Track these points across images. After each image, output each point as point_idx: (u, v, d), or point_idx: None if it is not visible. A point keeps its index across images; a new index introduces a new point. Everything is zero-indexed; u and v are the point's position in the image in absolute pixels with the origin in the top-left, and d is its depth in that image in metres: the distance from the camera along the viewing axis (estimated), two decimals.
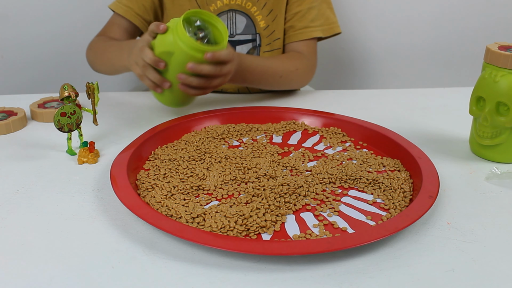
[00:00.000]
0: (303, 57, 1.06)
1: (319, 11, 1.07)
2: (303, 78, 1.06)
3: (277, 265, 0.52)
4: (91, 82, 0.75)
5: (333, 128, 0.85)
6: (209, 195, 0.66)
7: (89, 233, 0.58)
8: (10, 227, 0.59)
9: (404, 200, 0.64)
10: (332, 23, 1.09)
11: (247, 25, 1.07)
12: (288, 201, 0.63)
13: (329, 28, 1.09)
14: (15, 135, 0.85)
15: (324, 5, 1.09)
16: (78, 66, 1.54)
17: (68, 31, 1.49)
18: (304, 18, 1.06)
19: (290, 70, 1.02)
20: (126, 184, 0.63)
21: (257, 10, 1.05)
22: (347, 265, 0.52)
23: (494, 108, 0.72)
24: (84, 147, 0.75)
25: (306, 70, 1.06)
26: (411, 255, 0.54)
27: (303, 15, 1.06)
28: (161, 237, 0.57)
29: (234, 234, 0.56)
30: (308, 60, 1.06)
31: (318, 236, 0.57)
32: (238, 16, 1.06)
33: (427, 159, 0.70)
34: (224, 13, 1.05)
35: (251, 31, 1.08)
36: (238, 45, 1.09)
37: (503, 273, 0.52)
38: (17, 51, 1.49)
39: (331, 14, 1.10)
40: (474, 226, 0.59)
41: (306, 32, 1.06)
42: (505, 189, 0.68)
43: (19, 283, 0.50)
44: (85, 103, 0.94)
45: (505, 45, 0.74)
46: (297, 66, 1.03)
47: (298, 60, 1.04)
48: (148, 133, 0.78)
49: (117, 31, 1.08)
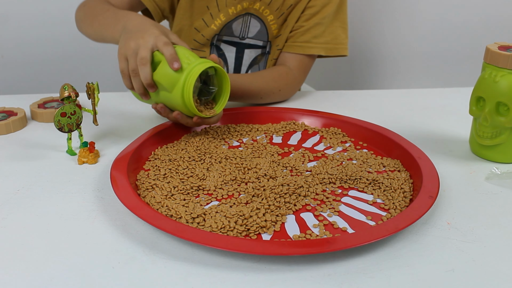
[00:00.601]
0: (289, 76, 1.02)
1: (328, 29, 1.02)
2: (284, 97, 1.02)
3: (277, 265, 0.52)
4: (91, 82, 0.75)
5: (333, 128, 0.85)
6: (209, 195, 0.66)
7: (89, 233, 0.58)
8: (10, 227, 0.59)
9: (404, 200, 0.64)
10: (339, 44, 1.04)
11: (260, 31, 1.05)
12: (288, 201, 0.63)
13: (333, 48, 1.04)
14: (15, 135, 0.85)
15: (337, 23, 1.03)
16: (78, 66, 1.55)
17: (68, 31, 1.49)
18: (308, 32, 1.02)
19: (272, 91, 0.98)
20: (126, 184, 0.63)
21: (273, 19, 1.03)
22: (347, 265, 0.52)
23: (494, 108, 0.72)
24: (84, 147, 0.75)
25: (289, 89, 1.02)
26: (411, 255, 0.54)
27: (307, 29, 1.02)
28: (161, 237, 0.57)
29: (234, 234, 0.56)
30: (293, 79, 1.02)
31: (318, 236, 0.57)
32: (253, 21, 1.04)
33: (427, 159, 0.70)
34: (240, 17, 1.03)
35: (263, 37, 1.05)
36: (248, 49, 1.07)
37: (503, 273, 0.52)
38: (17, 51, 1.49)
39: (341, 34, 1.04)
40: (474, 226, 0.59)
41: (304, 47, 1.02)
42: (505, 189, 0.68)
43: (19, 283, 0.50)
44: (85, 103, 0.94)
45: (505, 45, 0.74)
46: (280, 87, 0.99)
47: (283, 81, 1.00)
48: (148, 133, 0.78)
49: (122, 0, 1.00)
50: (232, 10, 1.02)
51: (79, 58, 1.54)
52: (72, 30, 1.50)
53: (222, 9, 1.02)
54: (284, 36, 1.05)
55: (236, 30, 1.05)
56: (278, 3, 1.02)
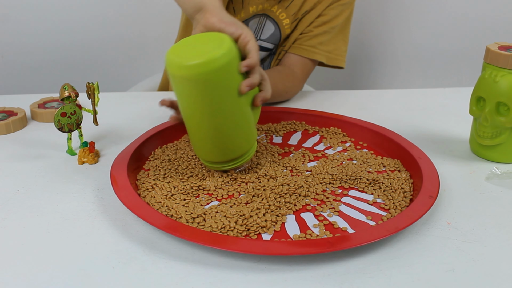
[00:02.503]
0: (295, 78, 1.02)
1: (332, 39, 1.04)
2: (288, 98, 1.03)
3: (277, 265, 0.52)
4: (91, 82, 0.75)
5: (333, 128, 0.85)
6: (209, 195, 0.66)
7: (89, 233, 0.58)
8: (10, 227, 0.59)
9: (404, 200, 0.64)
10: (338, 55, 1.06)
11: (273, 34, 1.05)
12: (288, 201, 0.63)
13: (333, 58, 1.05)
14: (15, 135, 0.85)
15: (340, 36, 1.06)
16: (78, 66, 1.55)
17: (68, 31, 1.49)
18: (315, 38, 1.03)
19: (279, 92, 0.98)
20: (126, 184, 0.63)
21: (288, 23, 1.03)
22: (347, 265, 0.52)
23: (494, 108, 0.72)
24: (84, 147, 0.75)
25: (293, 91, 1.03)
26: (411, 255, 0.54)
27: (315, 35, 1.03)
28: (161, 237, 0.57)
29: (234, 234, 0.56)
30: (298, 81, 1.03)
31: (318, 236, 0.57)
32: (267, 23, 1.04)
33: (427, 159, 0.70)
34: (257, 16, 1.03)
35: (275, 41, 1.06)
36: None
37: (503, 273, 0.52)
38: (17, 51, 1.49)
39: (342, 47, 1.07)
40: (474, 226, 0.59)
41: (309, 51, 1.03)
42: (505, 189, 0.68)
43: (19, 283, 0.50)
44: (85, 103, 0.94)
45: (505, 45, 0.74)
46: (287, 89, 1.00)
47: (291, 83, 1.01)
48: (148, 133, 0.78)
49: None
50: (253, 9, 1.02)
51: (79, 58, 1.54)
52: (72, 30, 1.50)
53: (245, 6, 1.02)
54: (292, 38, 1.05)
55: (251, 29, 1.05)
56: (295, 8, 1.02)
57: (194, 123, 0.64)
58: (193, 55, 0.59)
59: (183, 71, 0.59)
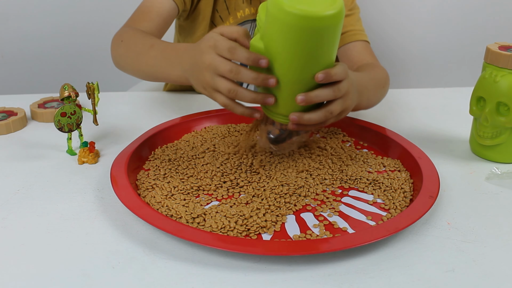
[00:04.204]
0: (375, 63, 0.94)
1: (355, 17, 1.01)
2: (387, 91, 0.91)
3: (277, 265, 0.52)
4: (91, 82, 0.75)
5: (333, 128, 0.85)
6: (209, 195, 0.66)
7: (89, 233, 0.58)
8: (10, 227, 0.59)
9: (405, 200, 0.64)
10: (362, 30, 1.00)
11: None
12: (289, 202, 0.63)
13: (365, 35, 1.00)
14: (15, 135, 0.85)
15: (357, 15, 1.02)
16: (78, 66, 1.55)
17: (68, 31, 1.49)
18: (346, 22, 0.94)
19: (384, 77, 0.87)
20: (126, 184, 0.63)
21: None
22: (347, 265, 0.52)
23: (494, 108, 0.72)
24: (84, 147, 0.75)
25: (388, 82, 0.91)
26: (411, 255, 0.54)
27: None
28: (161, 237, 0.57)
29: (234, 234, 0.56)
30: (383, 69, 0.92)
31: (318, 236, 0.57)
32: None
33: (427, 159, 0.70)
34: (248, 22, 1.03)
35: None
36: None
37: (503, 273, 0.52)
38: (17, 51, 1.49)
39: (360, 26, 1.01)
40: (474, 226, 0.59)
41: (359, 34, 0.97)
42: (505, 189, 0.68)
43: (19, 283, 0.50)
44: (85, 103, 0.94)
45: (505, 45, 0.74)
46: (383, 73, 0.90)
47: (378, 68, 0.91)
48: (148, 133, 0.78)
49: (155, 20, 0.90)
50: (240, 14, 1.01)
51: (79, 58, 1.54)
52: (72, 30, 1.50)
53: (232, 12, 1.01)
54: None
55: None
56: None
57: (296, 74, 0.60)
58: (315, 5, 0.55)
59: (315, 22, 0.55)
